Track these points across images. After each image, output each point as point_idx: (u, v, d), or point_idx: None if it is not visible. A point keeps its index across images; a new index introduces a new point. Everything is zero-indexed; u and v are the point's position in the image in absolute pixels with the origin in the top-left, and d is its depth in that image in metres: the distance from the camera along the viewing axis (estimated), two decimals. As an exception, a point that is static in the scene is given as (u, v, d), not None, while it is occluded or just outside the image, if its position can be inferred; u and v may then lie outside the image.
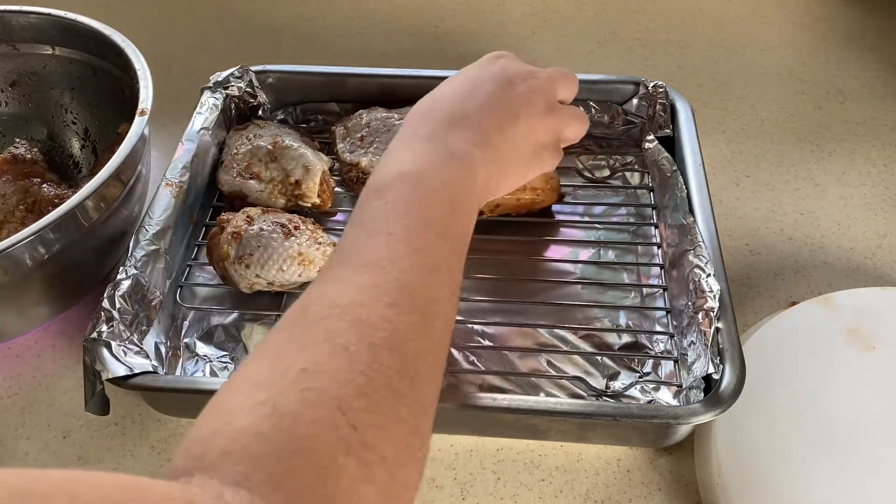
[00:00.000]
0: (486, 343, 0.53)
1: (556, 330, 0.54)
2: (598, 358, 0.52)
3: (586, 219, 0.61)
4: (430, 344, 0.33)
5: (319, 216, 0.61)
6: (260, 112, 0.67)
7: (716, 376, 0.45)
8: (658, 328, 0.54)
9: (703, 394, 0.45)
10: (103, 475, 0.23)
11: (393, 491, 0.29)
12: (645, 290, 0.56)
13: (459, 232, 0.39)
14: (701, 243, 0.51)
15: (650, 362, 0.52)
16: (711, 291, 0.48)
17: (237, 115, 0.66)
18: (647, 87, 0.63)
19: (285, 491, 0.25)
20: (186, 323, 0.55)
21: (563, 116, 0.48)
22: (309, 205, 0.59)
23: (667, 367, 0.51)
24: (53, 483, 0.22)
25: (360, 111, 0.64)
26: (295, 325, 0.32)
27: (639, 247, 0.59)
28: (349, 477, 0.27)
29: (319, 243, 0.54)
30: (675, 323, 0.53)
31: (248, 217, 0.55)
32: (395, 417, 0.30)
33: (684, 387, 0.48)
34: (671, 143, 0.61)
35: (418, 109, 0.45)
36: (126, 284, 0.49)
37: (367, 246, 0.35)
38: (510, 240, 0.59)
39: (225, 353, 0.53)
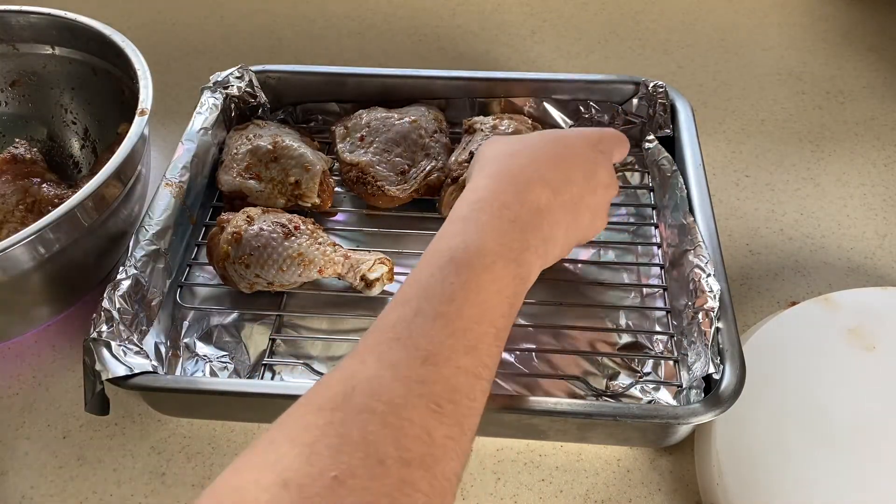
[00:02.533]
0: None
1: (556, 330, 0.54)
2: (598, 358, 0.52)
3: (586, 219, 0.61)
4: (459, 462, 0.33)
5: (319, 216, 0.61)
6: (260, 112, 0.67)
7: (716, 376, 0.45)
8: (658, 328, 0.54)
9: (703, 394, 0.45)
10: None
11: None
12: (645, 290, 0.56)
13: (506, 336, 0.39)
14: (701, 243, 0.51)
15: (650, 362, 0.52)
16: (711, 291, 0.48)
17: (237, 115, 0.66)
18: (647, 87, 0.63)
19: None
20: (186, 323, 0.55)
21: (615, 185, 0.51)
22: (309, 205, 0.59)
23: (667, 367, 0.51)
24: None
25: (360, 111, 0.64)
26: (335, 411, 0.31)
27: (639, 247, 0.59)
28: None
29: (319, 243, 0.54)
30: (675, 323, 0.53)
31: (248, 217, 0.55)
32: None
33: (684, 387, 0.48)
34: (671, 143, 0.61)
35: (511, 164, 0.45)
36: (126, 284, 0.49)
37: (427, 331, 0.35)
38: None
39: (225, 353, 0.53)
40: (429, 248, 0.40)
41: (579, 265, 0.58)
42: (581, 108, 0.65)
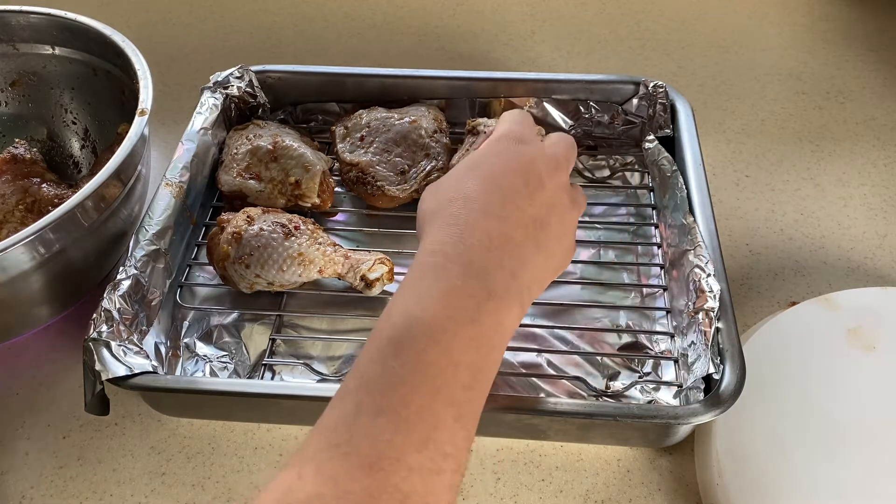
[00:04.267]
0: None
1: (556, 330, 0.54)
2: (598, 358, 0.52)
3: (586, 219, 0.61)
4: None
5: (319, 216, 0.61)
6: (260, 112, 0.67)
7: (716, 376, 0.45)
8: (658, 328, 0.54)
9: (703, 394, 0.45)
10: None
11: None
12: (645, 290, 0.56)
13: (477, 406, 0.34)
14: (701, 243, 0.51)
15: (650, 362, 0.52)
16: (711, 291, 0.48)
17: (237, 115, 0.66)
18: (647, 87, 0.63)
19: None
20: (186, 323, 0.55)
21: (578, 201, 0.45)
22: (309, 205, 0.59)
23: (667, 367, 0.51)
24: None
25: (360, 111, 0.64)
26: None
27: (639, 247, 0.59)
28: None
29: (319, 243, 0.54)
30: (675, 323, 0.53)
31: (248, 217, 0.55)
32: None
33: (684, 387, 0.48)
34: (671, 143, 0.61)
35: (448, 213, 0.39)
36: (126, 284, 0.49)
37: (369, 431, 0.30)
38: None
39: (225, 353, 0.53)
40: (374, 327, 0.35)
41: (579, 265, 0.58)
42: (581, 108, 0.65)
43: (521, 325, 0.54)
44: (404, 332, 0.33)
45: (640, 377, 0.51)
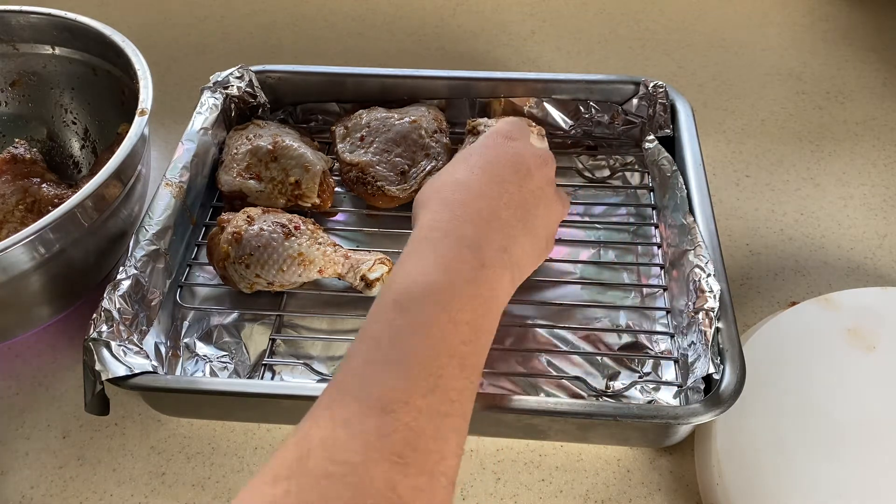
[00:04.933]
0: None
1: (556, 330, 0.54)
2: (598, 358, 0.52)
3: (586, 219, 0.61)
4: None
5: (319, 216, 0.61)
6: (260, 112, 0.67)
7: (716, 376, 0.45)
8: (658, 328, 0.54)
9: (703, 394, 0.45)
10: None
11: None
12: (645, 290, 0.56)
13: (479, 360, 0.37)
14: (701, 243, 0.51)
15: (650, 362, 0.52)
16: (711, 291, 0.48)
17: (237, 115, 0.66)
18: (647, 87, 0.63)
19: None
20: (186, 323, 0.55)
21: (564, 200, 0.50)
22: (309, 205, 0.59)
23: (667, 367, 0.51)
24: None
25: (360, 111, 0.64)
26: (291, 479, 0.29)
27: (639, 247, 0.59)
28: None
29: (319, 243, 0.54)
30: (675, 323, 0.53)
31: (248, 217, 0.55)
32: None
33: (684, 387, 0.48)
34: (671, 143, 0.61)
35: (441, 197, 0.43)
36: (126, 284, 0.49)
37: (378, 378, 0.33)
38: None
39: (225, 353, 0.53)
40: (379, 292, 0.38)
41: (579, 265, 0.58)
42: (581, 108, 0.65)
43: (521, 325, 0.54)
44: (407, 294, 0.36)
45: (640, 377, 0.51)
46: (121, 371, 0.45)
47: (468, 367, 0.35)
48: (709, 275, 0.49)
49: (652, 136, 0.62)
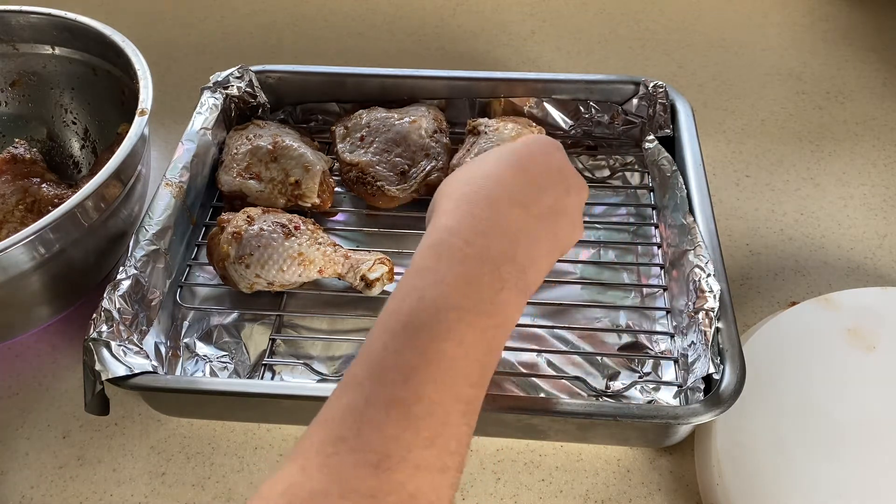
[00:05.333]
0: (486, 343, 0.53)
1: (556, 330, 0.54)
2: (598, 358, 0.52)
3: (586, 219, 0.61)
4: None
5: (319, 216, 0.61)
6: (260, 112, 0.67)
7: (716, 376, 0.45)
8: (658, 328, 0.54)
9: (703, 394, 0.45)
10: None
11: None
12: (645, 290, 0.56)
13: (479, 404, 0.33)
14: (701, 243, 0.51)
15: (650, 362, 0.52)
16: (711, 291, 0.48)
17: (237, 115, 0.66)
18: (647, 87, 0.63)
19: None
20: (186, 323, 0.55)
21: (581, 229, 0.44)
22: (309, 205, 0.59)
23: (667, 367, 0.51)
24: None
25: (360, 111, 0.64)
26: None
27: (639, 247, 0.59)
28: None
29: (319, 243, 0.54)
30: (675, 323, 0.53)
31: (248, 217, 0.55)
32: None
33: (684, 387, 0.48)
34: (671, 143, 0.61)
35: (467, 193, 0.38)
36: (126, 284, 0.49)
37: (378, 424, 0.30)
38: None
39: (225, 353, 0.53)
40: (384, 308, 0.34)
41: (579, 265, 0.58)
42: (581, 108, 0.65)
43: (521, 325, 0.54)
44: (420, 318, 0.32)
45: (640, 377, 0.51)
46: (121, 371, 0.45)
47: (470, 412, 0.32)
48: (709, 275, 0.49)
49: (652, 136, 0.62)
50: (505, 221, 0.36)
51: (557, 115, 0.66)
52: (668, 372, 0.51)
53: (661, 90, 0.63)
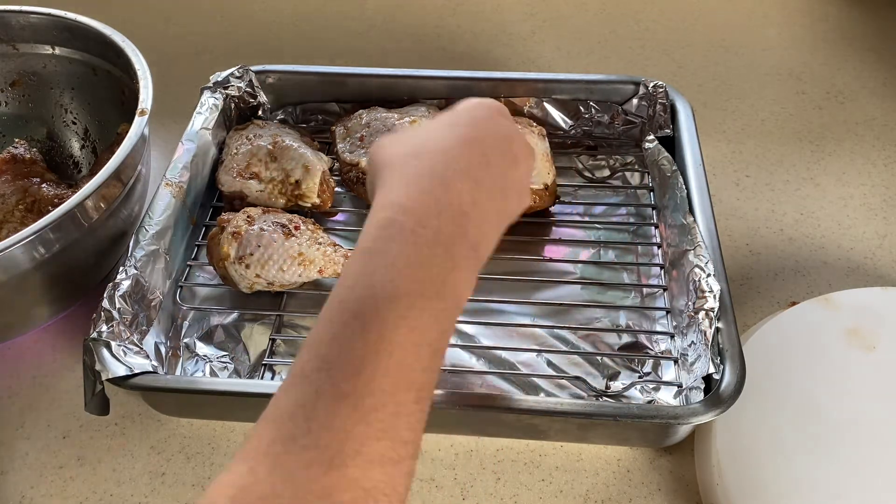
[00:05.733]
0: (487, 343, 0.53)
1: (556, 330, 0.54)
2: (598, 358, 0.52)
3: (586, 219, 0.61)
4: None
5: (319, 216, 0.61)
6: (260, 112, 0.67)
7: (716, 376, 0.45)
8: (658, 328, 0.54)
9: (703, 394, 0.45)
10: None
11: None
12: (645, 290, 0.56)
13: (431, 388, 0.32)
14: (701, 243, 0.51)
15: (650, 362, 0.52)
16: (711, 291, 0.48)
17: (237, 115, 0.66)
18: (647, 87, 0.63)
19: None
20: (186, 323, 0.55)
21: (529, 194, 0.43)
22: (309, 205, 0.59)
23: (667, 367, 0.51)
24: None
25: (360, 111, 0.64)
26: None
27: (639, 247, 0.59)
28: None
29: (319, 243, 0.54)
30: (675, 323, 0.53)
31: (248, 217, 0.55)
32: None
33: (684, 387, 0.48)
34: (671, 143, 0.61)
35: (416, 167, 0.36)
36: (126, 284, 0.49)
37: (329, 419, 0.29)
38: (510, 240, 0.59)
39: (225, 353, 0.53)
40: (332, 294, 0.32)
41: (579, 265, 0.58)
42: (581, 108, 0.65)
43: (521, 325, 0.54)
44: (369, 306, 0.31)
45: (640, 377, 0.51)
46: (121, 371, 0.45)
47: (423, 398, 0.31)
48: (709, 275, 0.49)
49: (652, 136, 0.62)
50: (458, 200, 0.35)
51: (557, 115, 0.66)
52: (668, 372, 0.51)
53: (661, 90, 0.63)
